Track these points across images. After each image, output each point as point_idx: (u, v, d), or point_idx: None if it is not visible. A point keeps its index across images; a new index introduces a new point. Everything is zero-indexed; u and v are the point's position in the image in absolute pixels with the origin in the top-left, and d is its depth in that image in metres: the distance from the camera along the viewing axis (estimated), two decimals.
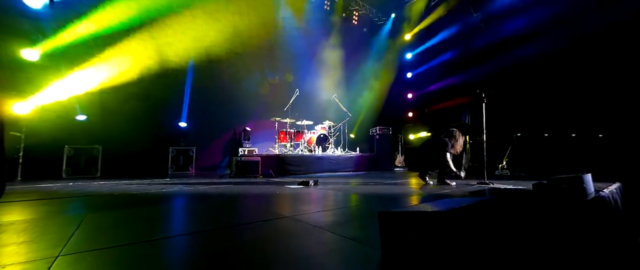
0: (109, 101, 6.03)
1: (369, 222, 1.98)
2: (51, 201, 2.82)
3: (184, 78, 7.08)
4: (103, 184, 4.19)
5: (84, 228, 1.81)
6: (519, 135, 6.75)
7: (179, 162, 6.66)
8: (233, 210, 2.51)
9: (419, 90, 10.02)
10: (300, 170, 6.21)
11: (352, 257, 1.36)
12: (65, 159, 5.27)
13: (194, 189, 3.75)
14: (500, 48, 7.27)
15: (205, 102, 7.36)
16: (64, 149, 5.28)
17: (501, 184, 4.21)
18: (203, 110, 7.33)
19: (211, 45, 7.36)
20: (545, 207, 2.63)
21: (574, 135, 6.13)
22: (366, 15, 10.20)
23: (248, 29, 7.89)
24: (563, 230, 1.84)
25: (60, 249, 1.38)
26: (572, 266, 1.23)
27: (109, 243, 1.49)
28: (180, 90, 7.06)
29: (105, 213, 2.37)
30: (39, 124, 5.20)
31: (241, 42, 7.81)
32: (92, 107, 5.86)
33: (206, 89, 7.37)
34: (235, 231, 1.79)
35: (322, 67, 9.61)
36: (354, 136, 8.89)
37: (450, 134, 4.26)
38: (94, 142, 5.65)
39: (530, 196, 3.12)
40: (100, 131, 5.86)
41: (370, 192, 3.43)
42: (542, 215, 2.31)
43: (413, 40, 10.18)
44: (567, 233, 1.77)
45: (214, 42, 7.41)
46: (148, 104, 6.49)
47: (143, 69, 6.40)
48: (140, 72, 6.36)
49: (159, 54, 6.60)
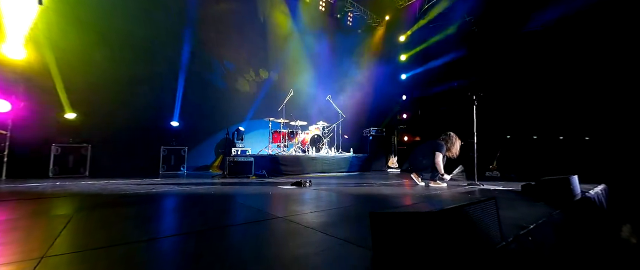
0: (99, 99, 5.90)
1: (361, 222, 1.99)
2: (37, 201, 2.74)
3: (176, 76, 6.99)
4: (91, 184, 4.10)
5: (70, 228, 1.77)
6: (509, 138, 6.89)
7: (170, 162, 6.57)
8: (225, 210, 2.49)
9: (413, 92, 10.12)
10: (294, 171, 6.20)
11: (344, 257, 1.36)
12: (52, 158, 5.14)
13: (185, 189, 3.71)
14: (492, 51, 7.41)
15: (197, 101, 7.28)
16: (51, 147, 5.15)
17: (491, 185, 4.28)
18: (195, 110, 7.24)
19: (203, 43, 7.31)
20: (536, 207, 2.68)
21: (562, 138, 6.28)
22: (361, 16, 10.26)
23: (241, 28, 7.85)
24: (554, 229, 1.88)
25: (46, 250, 1.35)
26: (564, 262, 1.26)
27: (97, 244, 1.46)
28: (172, 88, 6.96)
29: (93, 213, 2.32)
30: (25, 122, 5.06)
31: (235, 41, 7.76)
32: (80, 104, 5.73)
33: (199, 88, 7.29)
34: (227, 232, 1.78)
35: (317, 68, 9.61)
36: (348, 137, 8.92)
37: (448, 138, 4.28)
38: (83, 140, 5.53)
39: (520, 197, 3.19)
40: (89, 129, 5.74)
41: (362, 193, 3.44)
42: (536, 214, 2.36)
43: (407, 42, 10.27)
44: (557, 231, 1.81)
45: (206, 40, 7.36)
46: (139, 102, 6.38)
47: (134, 65, 6.30)
48: (131, 68, 6.27)
49: (150, 50, 6.52)
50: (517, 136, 6.84)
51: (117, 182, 4.30)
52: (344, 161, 7.33)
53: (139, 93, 6.34)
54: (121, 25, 6.17)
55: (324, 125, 7.89)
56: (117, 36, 6.13)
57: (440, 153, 4.16)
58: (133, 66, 6.27)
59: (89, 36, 5.77)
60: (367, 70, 10.44)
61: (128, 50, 6.24)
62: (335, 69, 10.03)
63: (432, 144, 4.34)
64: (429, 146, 4.32)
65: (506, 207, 2.60)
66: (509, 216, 2.16)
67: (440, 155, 4.16)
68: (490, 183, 4.60)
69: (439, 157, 4.14)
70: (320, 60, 9.63)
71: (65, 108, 5.59)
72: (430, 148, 4.27)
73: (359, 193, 3.45)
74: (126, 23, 6.21)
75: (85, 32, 5.73)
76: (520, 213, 2.47)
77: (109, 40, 6.04)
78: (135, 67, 6.28)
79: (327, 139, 7.80)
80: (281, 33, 8.80)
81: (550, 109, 6.33)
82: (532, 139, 6.71)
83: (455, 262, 1.22)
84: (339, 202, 2.83)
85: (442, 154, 4.17)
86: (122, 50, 6.17)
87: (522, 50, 6.81)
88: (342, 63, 10.11)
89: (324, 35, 9.68)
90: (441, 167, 4.14)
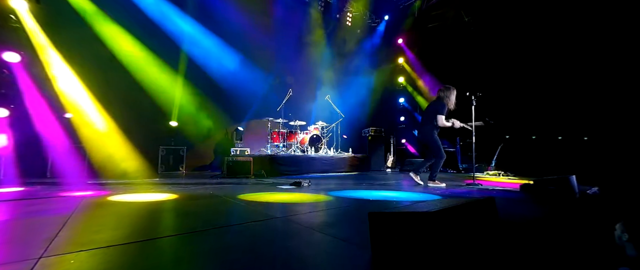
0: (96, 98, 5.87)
1: (360, 222, 1.99)
2: (33, 201, 2.73)
3: (175, 75, 6.96)
4: (88, 184, 4.09)
5: (68, 229, 1.76)
6: (508, 137, 6.90)
7: (169, 162, 6.55)
8: (224, 210, 2.49)
9: (411, 93, 10.16)
10: (293, 171, 6.19)
11: (343, 257, 1.36)
12: (50, 159, 5.11)
13: (183, 189, 3.70)
14: (491, 52, 7.43)
15: (197, 101, 7.25)
16: (49, 147, 5.12)
17: (490, 184, 4.28)
18: (195, 109, 7.22)
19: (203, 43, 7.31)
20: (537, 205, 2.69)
21: (560, 138, 6.31)
22: (360, 16, 10.25)
23: (241, 27, 7.83)
24: (556, 226, 1.88)
25: (43, 250, 1.34)
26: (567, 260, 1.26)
27: (94, 244, 1.46)
28: (171, 87, 6.93)
29: (91, 214, 2.31)
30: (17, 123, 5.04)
31: (236, 41, 7.75)
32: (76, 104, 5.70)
33: (198, 88, 7.27)
34: (226, 232, 1.77)
35: (316, 68, 9.61)
36: (347, 137, 8.92)
37: (444, 89, 4.22)
38: (79, 141, 5.51)
39: (519, 196, 3.20)
40: (85, 130, 5.71)
41: (362, 193, 3.44)
42: (534, 213, 2.37)
43: (406, 43, 10.29)
44: (561, 229, 1.82)
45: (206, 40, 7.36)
46: (137, 102, 6.35)
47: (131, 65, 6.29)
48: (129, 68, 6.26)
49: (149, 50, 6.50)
50: (516, 136, 6.86)
51: (116, 182, 4.28)
52: (343, 161, 7.32)
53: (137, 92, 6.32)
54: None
55: (323, 125, 7.89)
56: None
57: (442, 114, 4.10)
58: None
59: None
60: (366, 71, 10.44)
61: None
62: (335, 69, 10.03)
63: (430, 108, 4.30)
64: (430, 114, 4.24)
65: (505, 205, 2.61)
66: (507, 214, 2.16)
67: (442, 117, 4.09)
68: (490, 182, 4.61)
69: (441, 119, 4.09)
70: (319, 59, 9.62)
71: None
72: (432, 112, 4.20)
73: (358, 193, 3.44)
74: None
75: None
76: (519, 211, 2.48)
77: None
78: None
79: (326, 139, 7.80)
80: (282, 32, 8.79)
81: (549, 109, 6.35)
82: (531, 139, 6.73)
83: (453, 262, 1.22)
84: (337, 202, 2.82)
85: (443, 115, 4.11)
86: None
87: (521, 50, 6.82)
88: (341, 63, 10.10)
89: (324, 35, 9.67)
90: (451, 123, 4.15)
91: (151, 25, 6.50)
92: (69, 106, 5.61)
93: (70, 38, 5.60)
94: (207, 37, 7.38)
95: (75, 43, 5.65)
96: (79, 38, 5.73)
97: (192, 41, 7.16)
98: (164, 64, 6.74)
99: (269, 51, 8.55)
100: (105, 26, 6.03)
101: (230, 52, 7.72)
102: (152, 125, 6.62)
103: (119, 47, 6.16)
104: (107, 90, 5.96)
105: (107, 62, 5.99)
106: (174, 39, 6.86)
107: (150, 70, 6.53)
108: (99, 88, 5.86)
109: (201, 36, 7.30)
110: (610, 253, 1.21)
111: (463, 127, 4.28)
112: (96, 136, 5.70)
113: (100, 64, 5.93)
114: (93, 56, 5.88)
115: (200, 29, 7.23)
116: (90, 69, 5.81)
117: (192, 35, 7.15)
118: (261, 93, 8.37)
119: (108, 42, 6.07)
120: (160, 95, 6.72)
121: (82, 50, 5.75)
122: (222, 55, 7.64)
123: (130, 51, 6.28)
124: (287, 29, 8.81)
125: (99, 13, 5.96)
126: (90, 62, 5.81)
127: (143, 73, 6.41)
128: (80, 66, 5.69)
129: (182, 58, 7.00)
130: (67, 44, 5.55)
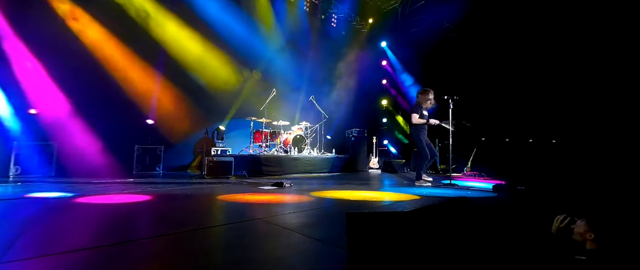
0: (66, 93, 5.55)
1: (338, 223, 2.01)
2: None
3: (153, 72, 6.70)
4: (57, 184, 3.85)
5: (31, 232, 1.65)
6: (483, 140, 7.22)
7: (145, 162, 6.29)
8: (202, 212, 2.43)
9: (394, 95, 10.40)
10: (276, 171, 6.14)
11: (320, 257, 1.38)
12: (13, 157, 4.78)
13: (160, 189, 3.57)
14: (469, 57, 7.74)
15: (175, 98, 7.02)
16: (13, 145, 4.79)
17: (466, 184, 4.47)
18: (173, 107, 6.98)
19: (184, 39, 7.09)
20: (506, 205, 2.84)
21: (531, 140, 6.69)
22: (345, 18, 10.35)
23: (224, 25, 7.67)
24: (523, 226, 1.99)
25: (3, 255, 1.26)
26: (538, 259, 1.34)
27: (59, 249, 1.38)
28: (148, 84, 6.66)
29: (56, 216, 2.18)
30: None
31: (215, 39, 7.58)
32: (45, 99, 5.37)
33: (177, 85, 7.04)
34: (203, 234, 1.74)
35: (300, 68, 9.59)
36: (330, 137, 8.97)
37: (422, 91, 4.53)
38: (48, 138, 5.19)
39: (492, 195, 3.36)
40: (54, 126, 5.38)
41: (343, 193, 3.48)
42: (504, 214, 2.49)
43: (389, 46, 10.51)
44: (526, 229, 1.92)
45: (187, 36, 7.15)
46: (111, 98, 6.06)
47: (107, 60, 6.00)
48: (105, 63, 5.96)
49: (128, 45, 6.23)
50: (490, 138, 7.19)
51: (87, 182, 4.07)
52: (326, 161, 7.35)
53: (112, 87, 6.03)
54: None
55: (307, 125, 7.88)
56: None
57: (416, 113, 4.44)
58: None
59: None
60: (350, 72, 10.55)
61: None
62: (319, 70, 10.05)
63: (410, 110, 4.66)
64: (408, 115, 4.66)
65: (477, 203, 2.73)
66: (478, 211, 2.26)
67: (416, 115, 4.42)
68: (465, 182, 4.80)
69: (414, 117, 4.42)
70: (303, 60, 9.61)
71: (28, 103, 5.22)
72: (410, 112, 4.57)
73: (339, 193, 3.47)
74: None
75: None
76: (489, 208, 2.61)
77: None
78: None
79: (309, 140, 7.80)
80: (265, 31, 8.70)
81: (521, 113, 6.72)
82: (505, 141, 7.09)
83: (426, 258, 1.26)
84: (318, 203, 2.83)
85: (417, 114, 4.43)
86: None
87: (498, 55, 7.16)
88: (325, 64, 10.14)
89: (309, 36, 9.67)
90: (426, 119, 4.42)
91: (127, 19, 6.24)
92: (34, 100, 5.28)
93: (38, 30, 5.27)
94: (188, 32, 7.17)
95: (43, 36, 5.32)
96: (50, 31, 5.41)
97: (173, 37, 6.93)
98: (141, 58, 6.48)
99: (253, 50, 8.44)
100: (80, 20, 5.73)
101: (211, 48, 7.54)
102: (126, 122, 6.32)
103: (86, 35, 5.85)
104: (76, 83, 5.63)
105: (75, 52, 5.65)
106: (152, 33, 6.62)
107: (125, 63, 6.24)
108: (66, 81, 5.53)
109: (181, 32, 7.08)
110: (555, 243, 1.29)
111: (439, 125, 4.51)
112: (65, 133, 5.40)
113: (68, 55, 5.60)
114: (64, 49, 5.56)
115: (179, 23, 7.02)
116: (58, 61, 5.48)
117: (172, 31, 6.93)
118: (244, 92, 8.24)
119: (80, 35, 5.77)
120: (135, 91, 6.44)
121: (54, 43, 5.42)
122: (204, 51, 7.45)
123: (100, 39, 5.97)
124: (272, 28, 8.74)
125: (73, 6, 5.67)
126: (59, 54, 5.48)
127: (116, 65, 6.11)
128: (48, 58, 5.36)
129: (160, 52, 6.76)
130: (35, 36, 5.22)
